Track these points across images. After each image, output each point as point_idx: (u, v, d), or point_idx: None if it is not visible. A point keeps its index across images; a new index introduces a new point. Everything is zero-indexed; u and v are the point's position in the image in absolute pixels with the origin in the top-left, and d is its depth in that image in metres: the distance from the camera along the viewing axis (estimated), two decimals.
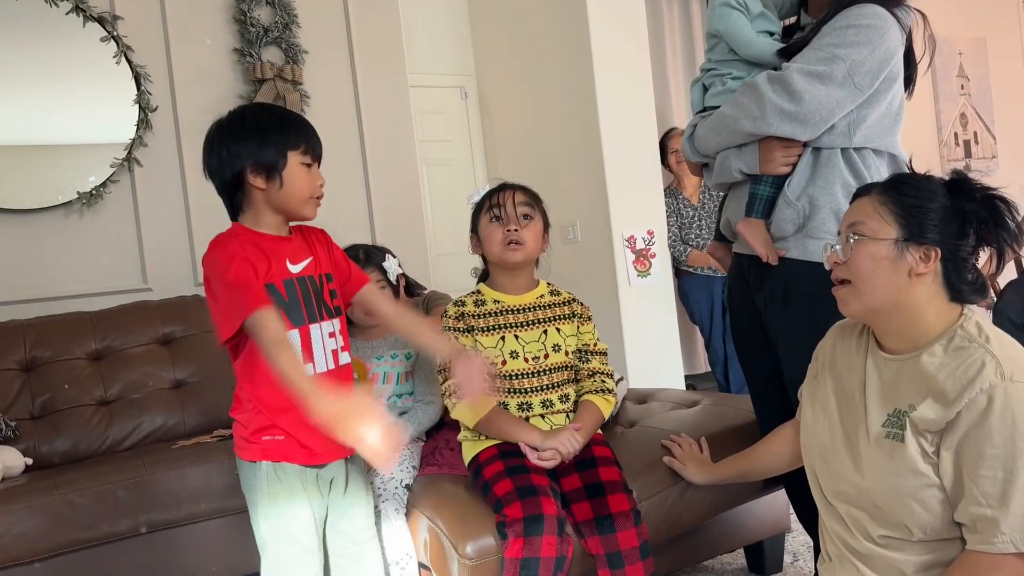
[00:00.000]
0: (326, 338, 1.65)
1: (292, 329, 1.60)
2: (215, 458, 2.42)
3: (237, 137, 1.60)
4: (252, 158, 1.59)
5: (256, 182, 1.59)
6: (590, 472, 1.81)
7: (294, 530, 1.62)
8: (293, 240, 1.68)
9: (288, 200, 1.61)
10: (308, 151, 1.63)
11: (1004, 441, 1.22)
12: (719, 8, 1.94)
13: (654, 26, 4.75)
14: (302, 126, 1.66)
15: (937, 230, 1.37)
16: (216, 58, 3.45)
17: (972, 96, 6.14)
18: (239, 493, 2.34)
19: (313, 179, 1.64)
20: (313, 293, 1.65)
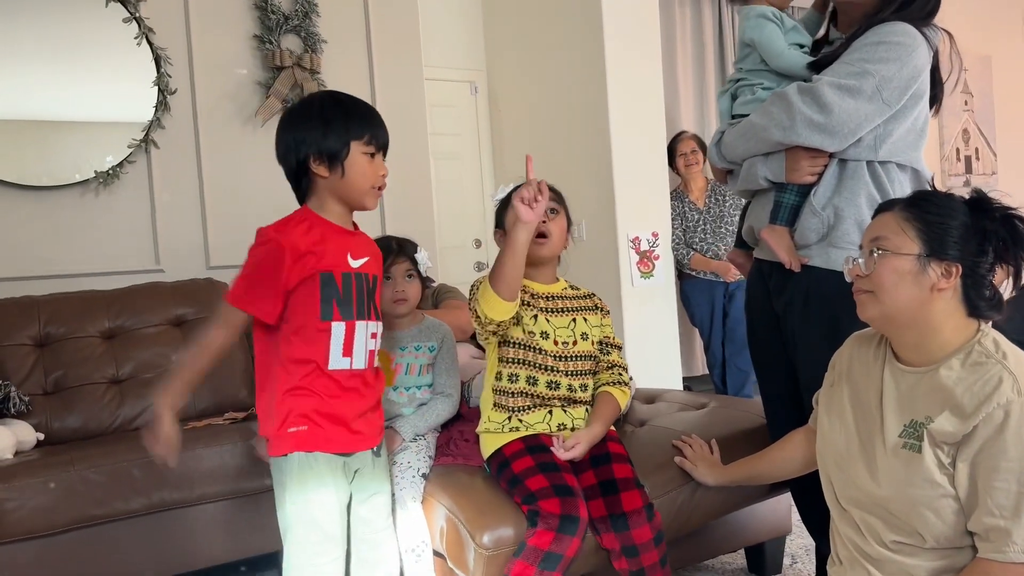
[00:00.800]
0: (368, 338, 1.69)
1: (340, 321, 1.63)
2: (227, 440, 2.45)
3: (302, 125, 1.65)
4: (315, 146, 1.63)
5: (319, 170, 1.64)
6: (604, 469, 1.85)
7: (319, 516, 1.66)
8: (357, 236, 1.73)
9: (350, 189, 1.65)
10: (372, 141, 1.66)
11: (1019, 455, 1.27)
12: (755, 19, 1.98)
13: (666, 31, 4.79)
14: (367, 116, 1.69)
15: (958, 247, 1.41)
16: (236, 44, 3.47)
17: (975, 112, 6.21)
18: (250, 475, 2.41)
19: (376, 169, 1.67)
20: (366, 291, 1.69)
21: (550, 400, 1.92)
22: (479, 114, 5.15)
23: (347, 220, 1.72)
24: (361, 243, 1.73)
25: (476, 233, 5.13)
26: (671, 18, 4.95)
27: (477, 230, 5.14)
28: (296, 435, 1.64)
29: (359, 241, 1.73)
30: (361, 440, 1.69)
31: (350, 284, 1.66)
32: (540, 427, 1.91)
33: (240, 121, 3.47)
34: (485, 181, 5.17)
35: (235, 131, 3.46)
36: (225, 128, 3.44)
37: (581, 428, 1.92)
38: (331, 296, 1.62)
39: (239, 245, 3.32)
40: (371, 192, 1.68)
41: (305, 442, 1.64)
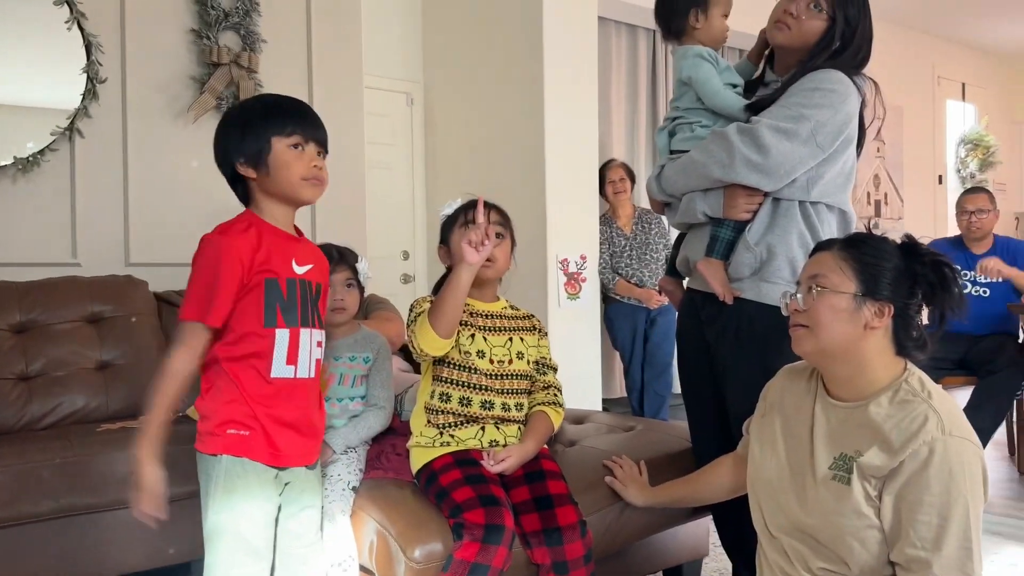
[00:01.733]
0: (313, 346, 1.67)
1: (283, 328, 1.61)
2: None
3: (225, 132, 1.66)
4: (237, 151, 1.64)
5: (248, 172, 1.63)
6: (539, 485, 1.87)
7: (245, 528, 1.62)
8: (302, 243, 1.70)
9: (279, 185, 1.63)
10: (295, 132, 1.64)
11: (941, 491, 1.35)
12: (691, 59, 2.05)
13: (602, 60, 4.89)
14: (289, 109, 1.68)
15: (891, 288, 1.49)
16: (172, 37, 3.38)
17: (886, 159, 6.55)
18: (168, 481, 2.32)
19: (305, 160, 1.65)
20: (310, 299, 1.67)
21: (483, 418, 1.93)
22: (414, 126, 5.15)
23: (289, 223, 1.70)
24: (306, 250, 1.71)
25: (404, 245, 5.11)
26: (607, 48, 5.05)
27: (406, 242, 5.11)
28: (232, 438, 1.60)
29: (304, 248, 1.71)
30: (298, 454, 1.67)
31: (294, 291, 1.64)
32: (472, 443, 1.92)
33: (171, 115, 3.37)
34: (416, 193, 5.15)
35: (165, 125, 3.36)
36: (155, 122, 3.34)
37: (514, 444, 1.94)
38: (275, 302, 1.60)
39: (161, 242, 3.30)
40: (303, 184, 1.65)
41: (238, 446, 1.61)
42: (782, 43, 1.98)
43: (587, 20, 4.57)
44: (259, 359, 1.60)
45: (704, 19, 2.05)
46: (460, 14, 4.89)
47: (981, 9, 6.35)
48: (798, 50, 1.97)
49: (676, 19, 2.07)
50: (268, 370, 1.60)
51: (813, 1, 1.91)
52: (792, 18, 1.93)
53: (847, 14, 1.90)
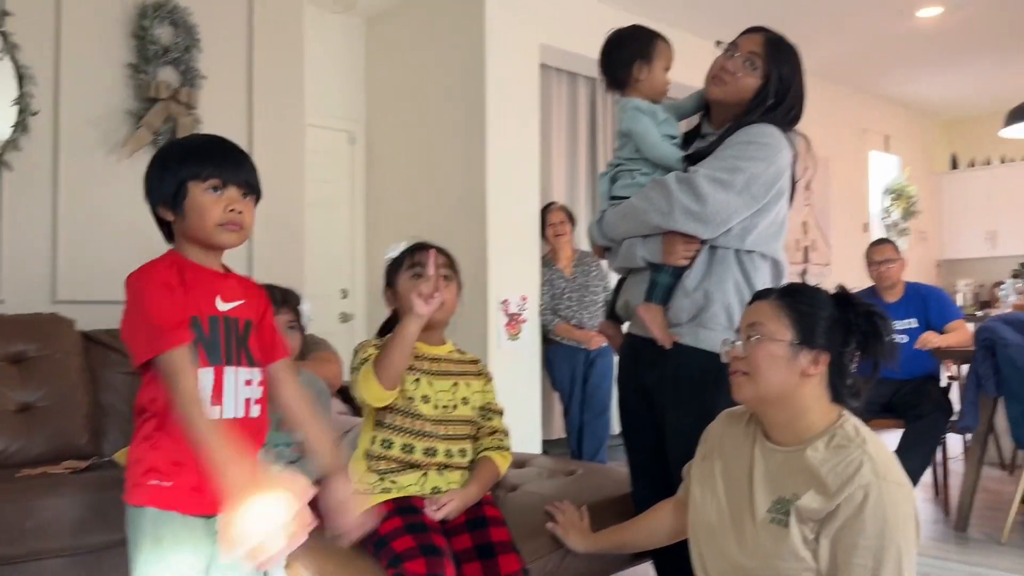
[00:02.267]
0: (241, 384, 1.61)
1: (207, 367, 1.56)
2: (66, 492, 2.27)
3: (148, 175, 1.63)
4: (157, 193, 1.61)
5: (166, 215, 1.60)
6: (481, 532, 1.85)
7: None
8: (229, 280, 1.66)
9: (194, 230, 1.59)
10: (212, 176, 1.59)
11: (875, 534, 1.38)
12: (631, 111, 2.10)
13: (543, 105, 4.97)
14: (209, 151, 1.63)
15: (826, 337, 1.54)
16: (108, 70, 3.32)
17: (814, 208, 6.77)
18: (90, 530, 2.24)
19: (222, 204, 1.59)
20: (235, 336, 1.62)
21: (425, 465, 1.90)
22: (355, 165, 5.14)
23: (214, 263, 1.65)
24: (234, 286, 1.66)
25: (343, 283, 5.06)
26: (548, 94, 5.14)
27: (345, 280, 5.07)
28: (155, 489, 1.54)
29: (231, 284, 1.66)
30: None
31: (217, 328, 1.59)
32: (413, 489, 1.89)
33: (105, 150, 3.30)
34: (356, 232, 5.12)
35: (99, 160, 3.28)
36: (88, 156, 3.26)
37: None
38: (197, 341, 1.55)
39: (91, 279, 3.21)
40: (219, 230, 1.59)
41: (163, 498, 1.54)
42: (718, 98, 2.05)
43: (529, 67, 4.65)
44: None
45: (647, 72, 2.11)
46: (403, 56, 4.93)
47: (902, 66, 6.67)
48: (733, 105, 2.03)
49: (620, 71, 2.13)
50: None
51: (749, 59, 1.99)
52: (728, 74, 2.00)
53: (781, 72, 1.98)
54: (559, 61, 5.08)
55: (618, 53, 2.13)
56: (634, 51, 2.11)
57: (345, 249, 5.09)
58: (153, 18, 3.37)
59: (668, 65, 2.15)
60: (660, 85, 2.14)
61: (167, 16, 3.41)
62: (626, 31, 2.16)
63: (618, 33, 2.17)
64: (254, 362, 1.66)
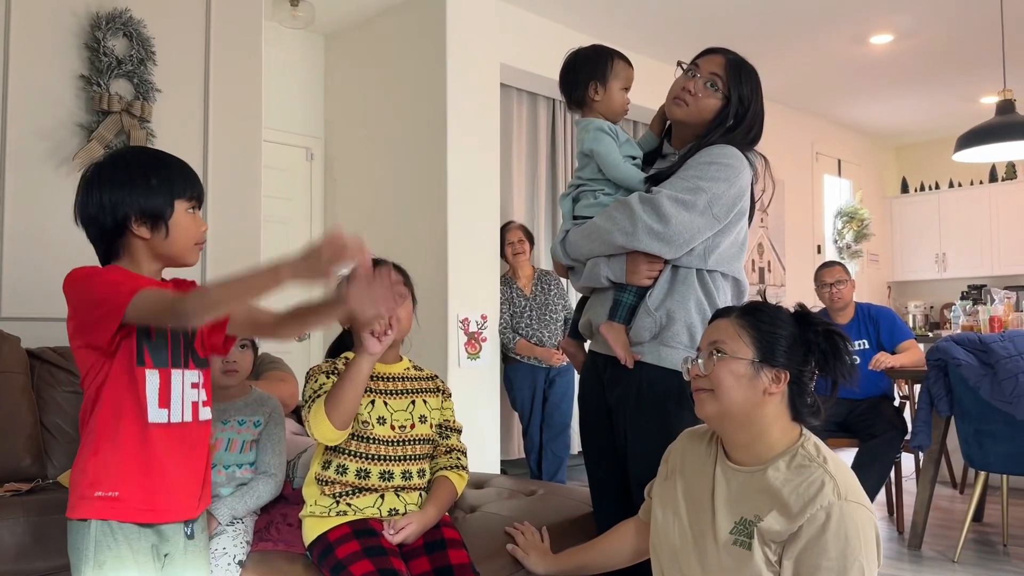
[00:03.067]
0: (187, 387, 1.58)
1: (152, 369, 1.52)
2: (7, 515, 2.18)
3: (122, 184, 1.54)
4: (137, 207, 1.54)
5: (140, 231, 1.54)
6: (439, 555, 1.81)
7: None
8: (168, 285, 1.62)
9: (172, 249, 1.57)
10: (193, 197, 1.60)
11: (838, 555, 1.38)
12: (593, 132, 2.10)
13: (504, 125, 4.98)
14: (187, 171, 1.62)
15: (786, 355, 1.54)
16: (59, 82, 3.23)
17: (769, 229, 6.87)
18: (32, 555, 2.15)
19: (197, 225, 1.61)
20: (183, 338, 1.58)
21: (382, 488, 1.86)
22: (313, 181, 5.09)
23: (158, 274, 1.63)
24: (179, 287, 1.63)
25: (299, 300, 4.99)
26: (509, 114, 5.15)
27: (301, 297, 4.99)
28: (101, 500, 1.48)
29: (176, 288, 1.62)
30: (177, 508, 1.55)
31: (164, 329, 1.55)
32: (370, 512, 1.85)
33: (54, 164, 3.21)
34: None
35: (47, 173, 3.19)
36: (36, 169, 3.16)
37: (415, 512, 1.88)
38: (143, 341, 1.51)
39: (36, 295, 3.11)
40: (193, 249, 1.61)
41: (109, 509, 1.49)
42: (680, 118, 2.06)
43: (490, 86, 4.66)
44: (131, 403, 1.50)
45: (603, 92, 2.11)
46: (363, 72, 4.90)
47: (854, 92, 6.83)
48: (694, 125, 2.05)
49: (577, 91, 2.14)
50: (142, 415, 1.50)
51: (710, 80, 2.00)
52: (690, 95, 2.01)
53: (741, 94, 2.00)
54: (519, 81, 5.10)
55: (575, 74, 2.14)
56: (590, 71, 2.12)
57: None
58: (106, 30, 3.30)
59: (626, 85, 2.16)
60: (618, 106, 2.14)
61: (121, 28, 3.34)
62: (583, 51, 2.17)
63: (575, 53, 2.18)
64: (199, 363, 1.62)
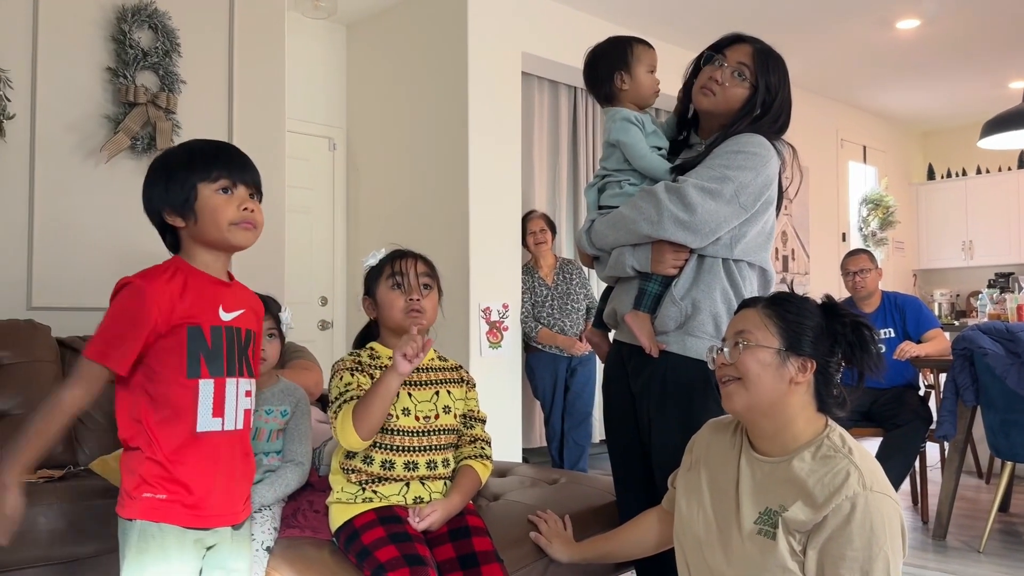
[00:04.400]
0: (241, 396, 1.60)
1: (208, 379, 1.54)
2: (41, 500, 2.22)
3: (151, 181, 1.60)
4: (162, 201, 1.58)
5: (175, 222, 1.57)
6: (464, 542, 1.83)
7: None
8: (232, 288, 1.63)
9: (207, 232, 1.57)
10: (222, 176, 1.58)
11: (863, 545, 1.38)
12: (620, 122, 2.09)
13: (525, 113, 4.97)
14: (215, 152, 1.62)
15: (812, 345, 1.54)
16: (86, 74, 3.27)
17: (793, 217, 6.81)
18: (65, 540, 2.20)
19: (233, 204, 1.58)
20: (238, 347, 1.60)
21: (407, 478, 1.88)
22: (335, 171, 5.11)
23: (220, 269, 1.64)
24: (236, 295, 1.64)
25: (323, 291, 5.03)
26: (530, 103, 5.14)
27: (324, 287, 5.03)
28: (148, 502, 1.51)
29: (234, 293, 1.64)
30: (226, 512, 1.58)
31: (220, 338, 1.57)
32: (395, 499, 1.87)
33: (83, 155, 3.25)
34: (337, 239, 5.09)
35: (76, 165, 3.24)
36: (65, 160, 3.21)
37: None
38: (198, 351, 1.53)
39: (67, 285, 3.16)
40: (233, 229, 1.58)
41: (155, 511, 1.52)
42: (707, 108, 2.05)
43: (511, 75, 4.65)
44: (183, 412, 1.52)
45: (630, 79, 2.10)
46: (385, 62, 4.91)
47: (880, 77, 6.75)
48: (722, 115, 2.03)
49: (603, 86, 2.13)
50: (194, 424, 1.52)
51: (737, 70, 1.99)
52: (717, 84, 2.00)
53: (768, 83, 1.98)
54: (541, 69, 5.08)
55: (597, 70, 2.14)
56: (611, 63, 2.11)
57: (325, 256, 5.05)
58: (132, 22, 3.33)
59: (652, 67, 2.14)
60: (647, 90, 2.13)
61: (146, 20, 3.38)
62: (600, 47, 2.16)
63: (593, 51, 2.17)
64: (252, 372, 1.64)
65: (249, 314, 1.66)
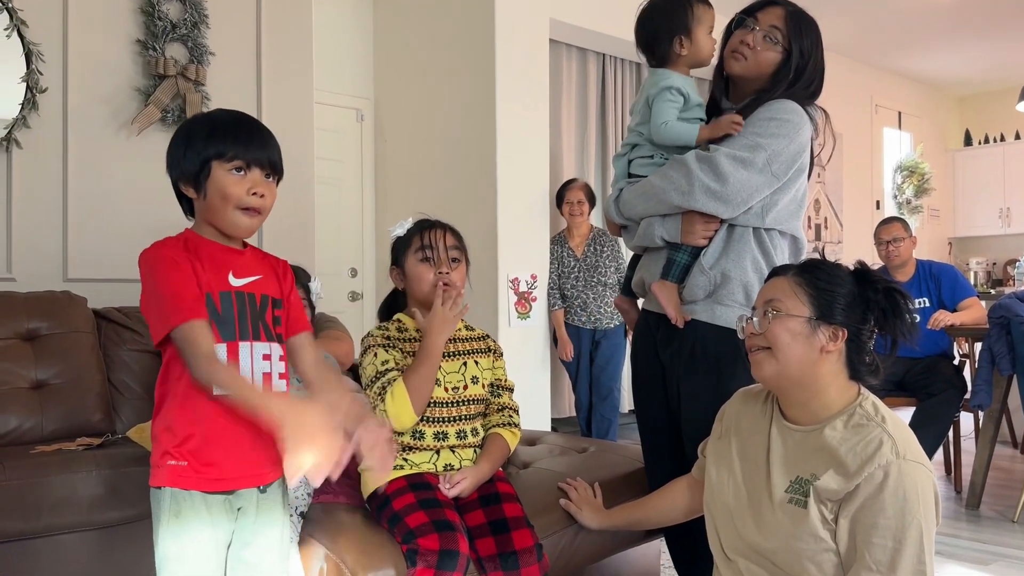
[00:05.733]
0: (258, 359, 1.60)
1: (220, 343, 1.55)
2: (80, 468, 2.27)
3: (172, 148, 1.60)
4: (178, 168, 1.58)
5: (188, 191, 1.58)
6: (494, 508, 1.85)
7: (192, 554, 1.55)
8: (244, 255, 1.64)
9: (211, 211, 1.57)
10: (236, 157, 1.56)
11: (896, 513, 1.37)
12: (660, 89, 2.00)
13: (553, 82, 4.93)
14: (234, 131, 1.59)
15: (844, 313, 1.52)
16: (116, 47, 3.29)
17: (826, 185, 6.71)
18: (105, 506, 2.25)
19: (244, 186, 1.56)
20: (250, 310, 1.60)
21: (437, 447, 1.90)
22: (363, 142, 5.11)
23: (231, 239, 1.64)
24: (249, 261, 1.64)
25: (353, 262, 5.05)
26: (558, 71, 5.09)
27: (354, 259, 5.06)
28: (173, 469, 1.54)
29: (246, 259, 1.64)
30: (248, 475, 1.61)
31: (230, 303, 1.57)
32: (426, 467, 1.89)
33: (114, 127, 3.28)
34: (366, 210, 5.10)
35: (108, 137, 3.26)
36: (97, 133, 3.24)
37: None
38: (210, 317, 1.54)
39: (102, 257, 3.20)
40: (236, 213, 1.57)
41: (180, 478, 1.54)
42: (738, 73, 2.01)
43: (538, 42, 4.60)
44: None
45: (689, 44, 2.00)
46: (412, 32, 4.88)
47: (915, 41, 6.59)
48: (753, 80, 2.00)
49: (660, 46, 2.02)
50: (210, 388, 1.55)
51: (769, 34, 1.94)
52: (748, 48, 1.96)
53: (801, 47, 1.94)
54: (569, 36, 5.02)
55: (655, 26, 2.02)
56: (671, 25, 2.00)
57: (354, 227, 5.07)
58: None
59: (711, 27, 2.04)
60: (706, 53, 2.04)
61: None
62: (657, 3, 2.04)
63: (650, 8, 2.05)
64: (272, 336, 1.64)
65: (267, 280, 1.65)
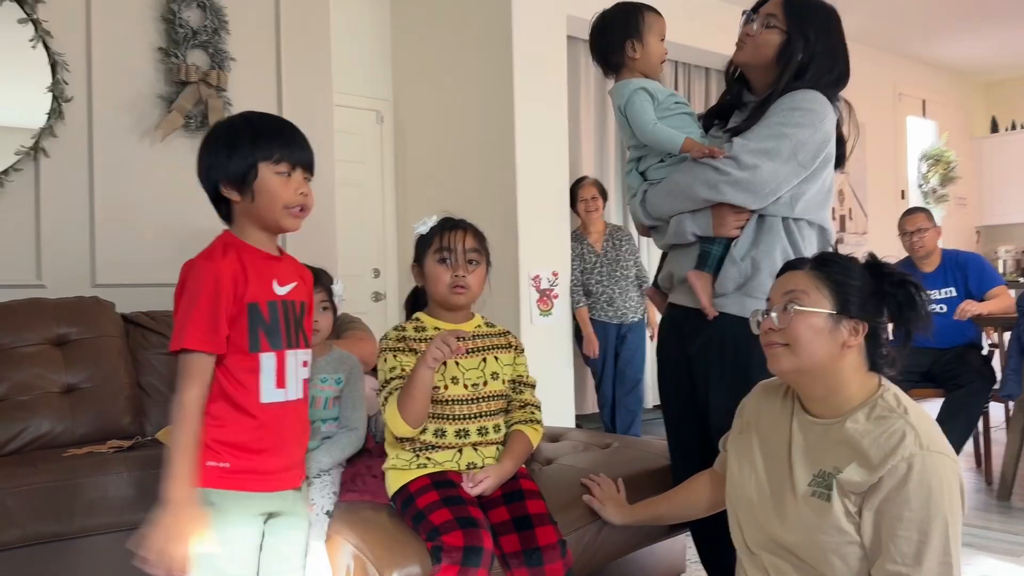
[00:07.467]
0: (299, 366, 1.64)
1: (269, 352, 1.58)
2: (111, 470, 2.33)
3: (210, 150, 1.62)
4: (222, 171, 1.60)
5: (231, 195, 1.60)
6: (518, 505, 1.86)
7: (227, 554, 1.59)
8: (283, 261, 1.67)
9: (261, 212, 1.60)
10: (283, 160, 1.60)
11: (920, 505, 1.36)
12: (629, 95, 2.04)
13: (571, 79, 4.92)
14: (278, 133, 1.63)
15: (861, 307, 1.51)
16: (139, 55, 3.34)
17: (850, 175, 6.65)
18: (137, 507, 2.29)
19: (290, 188, 1.60)
20: (294, 319, 1.64)
21: (459, 445, 1.91)
22: (383, 143, 5.14)
23: (271, 244, 1.67)
24: (288, 268, 1.68)
25: (375, 263, 5.08)
26: (576, 67, 5.08)
27: (376, 259, 5.09)
28: (212, 470, 1.57)
29: (286, 266, 1.68)
30: (288, 477, 1.64)
31: (277, 312, 1.61)
32: (449, 465, 1.90)
33: (138, 135, 3.33)
34: (387, 211, 5.13)
35: (132, 145, 3.31)
36: (122, 141, 3.29)
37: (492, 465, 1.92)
38: (257, 326, 1.57)
39: (129, 263, 3.25)
40: (286, 213, 1.62)
41: (219, 479, 1.57)
42: (743, 61, 2.04)
43: (556, 39, 4.60)
44: (247, 386, 1.57)
45: (641, 48, 2.07)
46: (429, 32, 4.90)
47: (939, 28, 6.51)
48: (759, 67, 2.01)
49: (613, 54, 2.09)
50: (258, 396, 1.58)
51: (765, 21, 1.96)
52: (748, 36, 1.99)
53: (805, 31, 1.94)
54: (587, 32, 5.00)
55: (607, 36, 2.10)
56: (624, 31, 2.07)
57: (376, 229, 5.10)
58: (181, 2, 3.38)
59: (662, 35, 2.11)
60: (656, 59, 2.10)
61: None
62: (609, 13, 2.12)
63: (602, 18, 2.13)
64: (308, 343, 1.68)
65: (301, 286, 1.70)
